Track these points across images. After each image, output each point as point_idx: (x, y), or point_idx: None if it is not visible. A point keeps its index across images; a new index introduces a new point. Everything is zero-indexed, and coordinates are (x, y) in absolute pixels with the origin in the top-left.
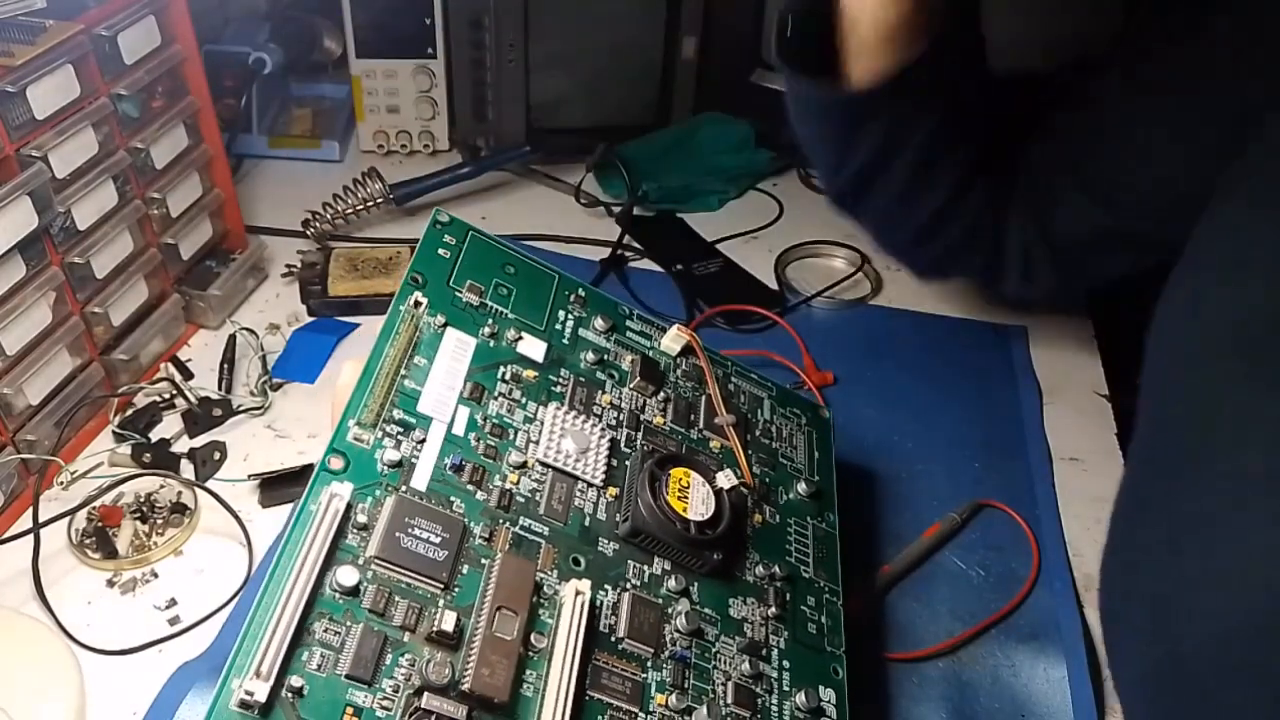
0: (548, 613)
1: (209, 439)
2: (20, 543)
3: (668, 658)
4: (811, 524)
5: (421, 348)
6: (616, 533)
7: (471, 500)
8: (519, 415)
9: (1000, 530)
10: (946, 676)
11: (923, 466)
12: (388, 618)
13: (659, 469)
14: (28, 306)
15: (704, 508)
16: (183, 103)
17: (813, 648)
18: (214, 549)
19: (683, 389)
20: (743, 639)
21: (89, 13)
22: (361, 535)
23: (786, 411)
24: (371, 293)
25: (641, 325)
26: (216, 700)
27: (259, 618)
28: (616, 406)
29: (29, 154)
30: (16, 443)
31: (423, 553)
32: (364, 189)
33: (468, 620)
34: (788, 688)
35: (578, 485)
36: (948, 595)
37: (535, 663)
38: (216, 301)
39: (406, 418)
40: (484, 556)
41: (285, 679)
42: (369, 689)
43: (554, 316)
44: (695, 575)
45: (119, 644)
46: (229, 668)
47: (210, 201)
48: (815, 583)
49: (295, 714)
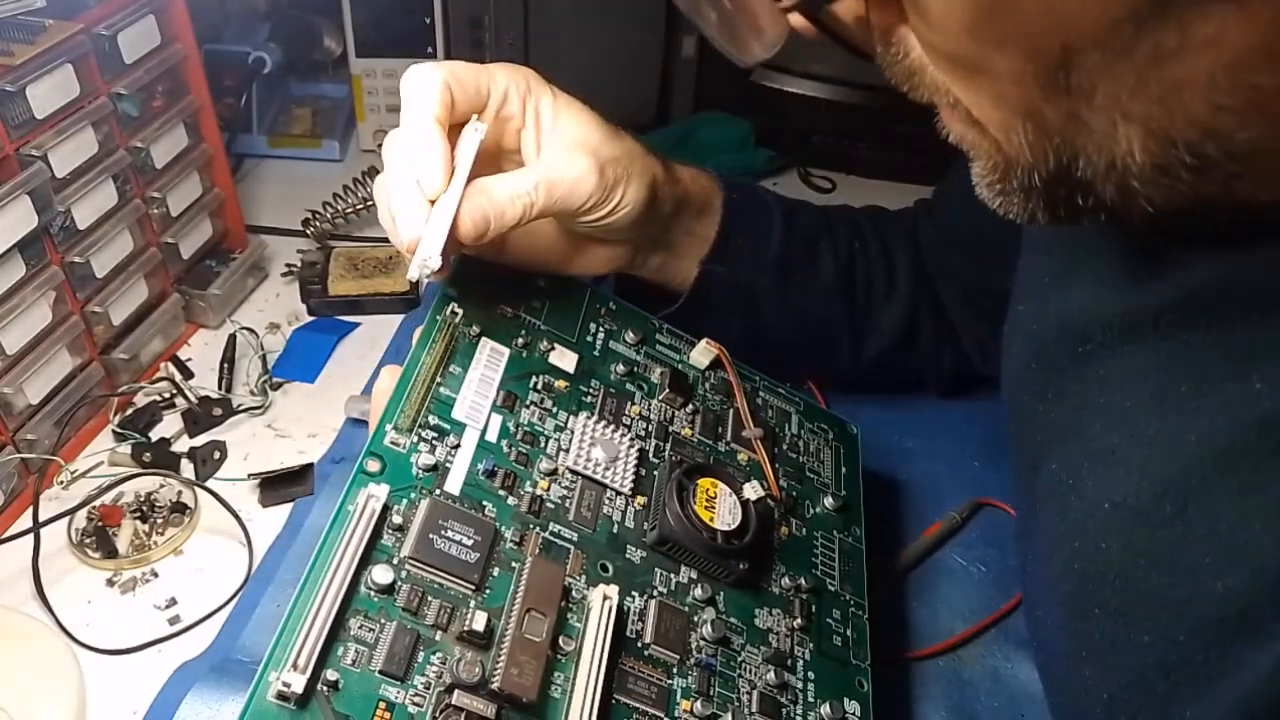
0: (576, 617)
1: (209, 438)
2: (20, 542)
3: (693, 665)
4: (838, 538)
5: (457, 357)
6: (644, 540)
7: (503, 505)
8: (550, 424)
9: (1000, 529)
10: (946, 675)
11: (923, 466)
12: (420, 616)
13: (687, 479)
14: (28, 306)
15: (731, 518)
16: (183, 102)
17: (838, 660)
18: (214, 548)
19: (711, 402)
20: (768, 649)
21: (89, 12)
22: (397, 536)
23: (814, 426)
24: (372, 292)
25: (670, 339)
26: (254, 693)
27: (296, 612)
28: (645, 418)
29: (29, 153)
30: (16, 442)
31: (455, 554)
32: (364, 188)
33: (498, 621)
34: (813, 699)
35: (606, 493)
36: (948, 594)
37: (563, 665)
38: (216, 301)
39: (441, 423)
40: (514, 560)
41: (321, 673)
42: (401, 685)
43: (585, 329)
44: (721, 585)
45: (119, 643)
46: (267, 661)
47: (210, 201)
48: (841, 595)
49: (330, 707)
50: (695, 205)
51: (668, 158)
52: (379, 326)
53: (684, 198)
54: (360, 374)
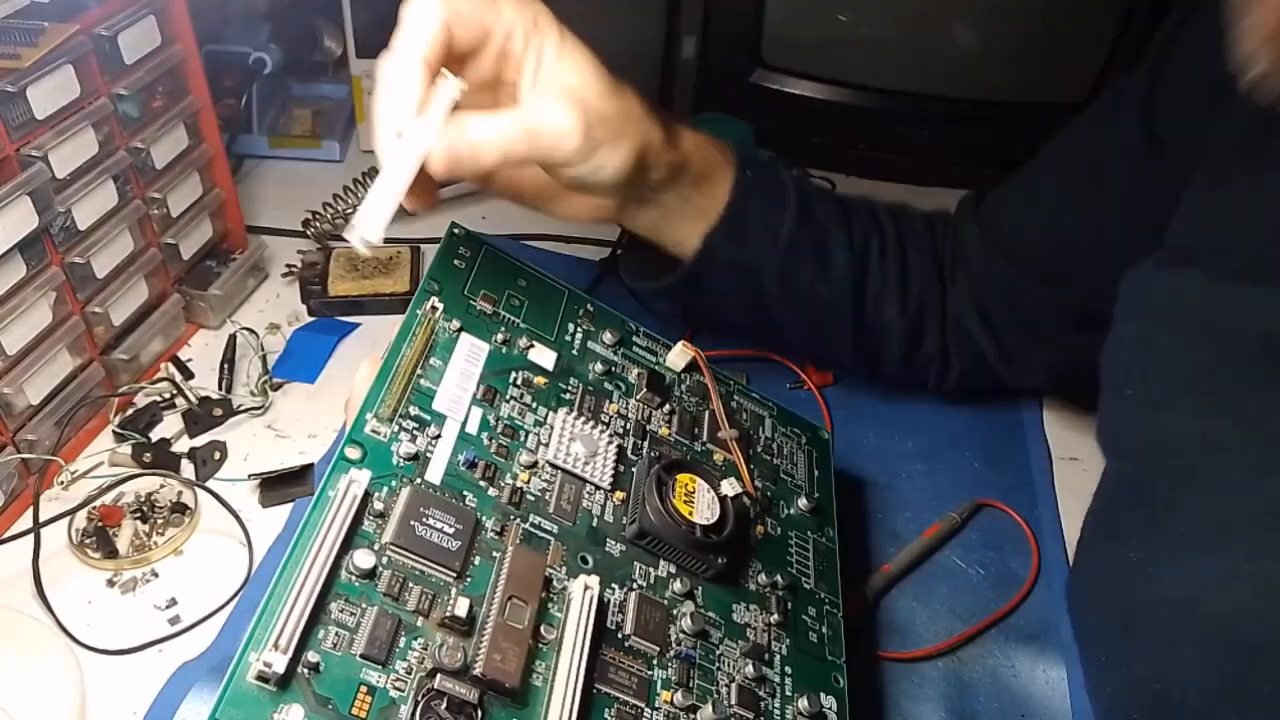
0: (556, 607)
1: (209, 439)
2: (20, 542)
3: (673, 657)
4: (812, 538)
5: (437, 350)
6: (623, 534)
7: (484, 495)
8: (530, 419)
9: (1000, 530)
10: (946, 676)
11: (923, 466)
12: (402, 602)
13: (666, 473)
14: (28, 306)
15: (709, 512)
16: (183, 103)
17: (814, 656)
18: (214, 549)
19: (687, 403)
20: (745, 643)
21: (89, 13)
22: (378, 522)
23: (787, 431)
24: (372, 292)
25: (647, 341)
26: (233, 674)
27: (276, 595)
28: (624, 416)
29: (29, 154)
30: (17, 442)
31: (437, 542)
32: (364, 189)
33: (479, 609)
34: (790, 693)
35: (586, 488)
36: (947, 595)
37: (544, 654)
38: (217, 301)
39: (422, 414)
40: (495, 550)
41: (302, 655)
42: (383, 669)
43: (563, 328)
44: (700, 580)
45: (119, 644)
46: (246, 642)
47: (210, 201)
48: (816, 594)
49: (311, 690)
50: (694, 173)
51: (677, 121)
52: (379, 327)
53: (682, 165)
54: None
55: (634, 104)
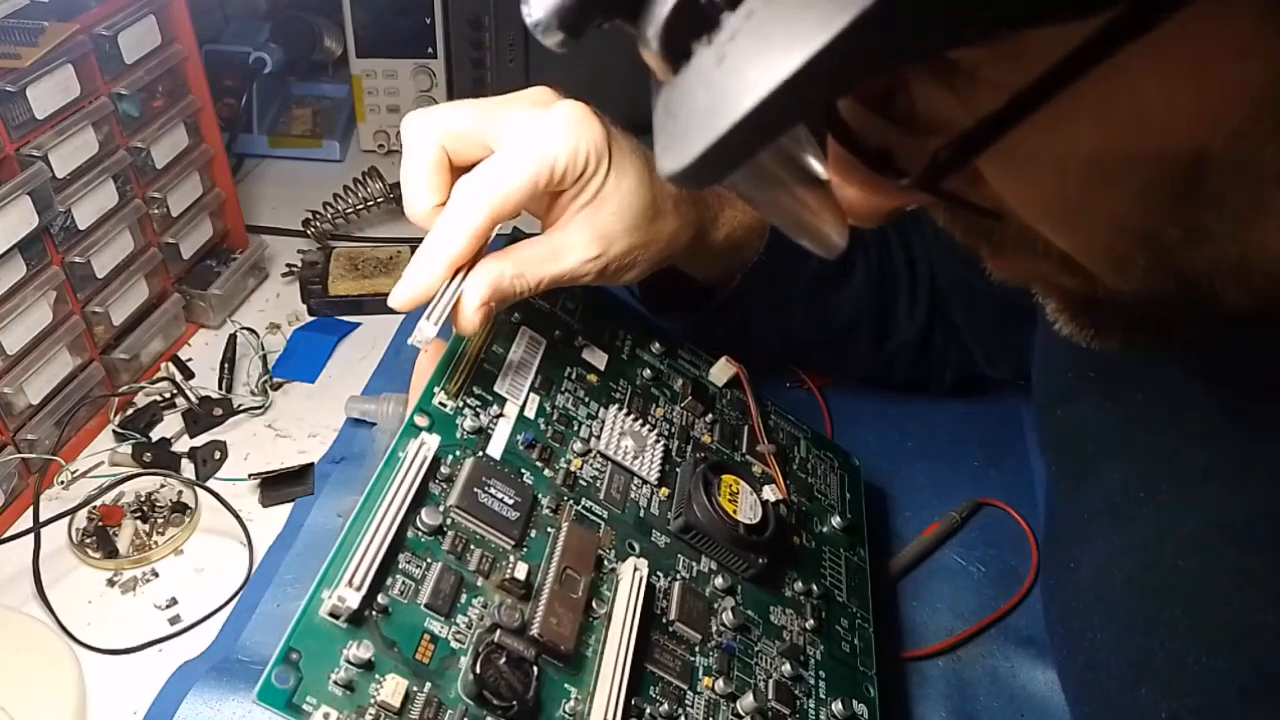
0: (606, 586)
1: (209, 438)
2: (20, 542)
3: (714, 647)
4: (845, 555)
5: (499, 338)
6: (669, 527)
7: (540, 475)
8: (583, 411)
9: (1000, 529)
10: (946, 676)
11: (923, 466)
12: (464, 561)
13: (712, 472)
14: (28, 306)
15: (752, 513)
16: (183, 102)
17: (847, 665)
18: (214, 548)
19: (729, 416)
20: (782, 643)
21: (89, 12)
22: (443, 486)
23: (821, 454)
24: (372, 292)
25: (691, 355)
26: (305, 610)
27: (349, 540)
28: (669, 420)
29: (29, 153)
30: (17, 442)
31: (498, 510)
32: (364, 188)
33: (535, 577)
34: (824, 695)
35: (634, 480)
36: (947, 594)
37: (595, 627)
38: (217, 301)
39: (484, 394)
40: (549, 526)
41: (374, 597)
42: (445, 620)
43: (614, 334)
44: (740, 578)
45: (119, 643)
46: (319, 581)
47: (211, 201)
48: (849, 607)
49: (379, 631)
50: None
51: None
52: (379, 326)
53: (712, 249)
54: (360, 374)
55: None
